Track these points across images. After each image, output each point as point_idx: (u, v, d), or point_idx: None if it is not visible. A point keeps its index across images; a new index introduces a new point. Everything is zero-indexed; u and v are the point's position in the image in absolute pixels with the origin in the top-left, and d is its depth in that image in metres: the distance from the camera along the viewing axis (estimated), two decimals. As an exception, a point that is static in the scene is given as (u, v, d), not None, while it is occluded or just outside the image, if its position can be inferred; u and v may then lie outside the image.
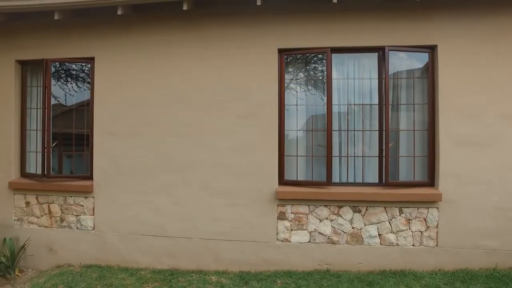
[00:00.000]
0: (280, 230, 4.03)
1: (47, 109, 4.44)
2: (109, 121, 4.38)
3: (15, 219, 4.65)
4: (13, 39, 4.64)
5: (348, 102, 4.23)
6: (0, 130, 4.63)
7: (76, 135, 4.65)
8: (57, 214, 4.53)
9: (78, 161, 4.83)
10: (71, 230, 4.50)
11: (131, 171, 4.32)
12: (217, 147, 4.13)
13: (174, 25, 4.25)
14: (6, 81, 4.63)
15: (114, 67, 4.38)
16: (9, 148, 4.62)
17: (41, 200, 4.57)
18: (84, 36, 4.47)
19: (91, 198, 4.43)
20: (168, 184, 4.23)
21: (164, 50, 4.27)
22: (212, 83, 4.16)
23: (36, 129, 4.72)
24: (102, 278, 4.04)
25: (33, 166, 4.73)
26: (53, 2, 4.05)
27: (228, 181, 4.11)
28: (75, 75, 4.86)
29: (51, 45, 4.53)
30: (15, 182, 4.58)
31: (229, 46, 4.14)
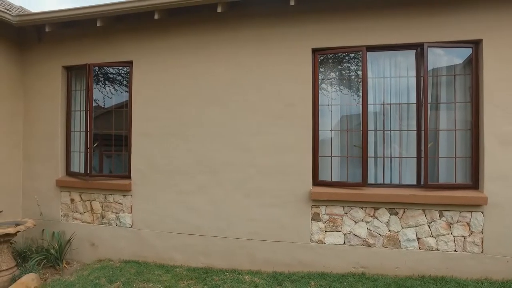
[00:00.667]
0: (314, 231, 3.99)
1: (89, 111, 4.68)
2: (146, 122, 4.54)
3: (62, 214, 4.94)
4: (60, 46, 4.94)
5: (384, 102, 4.11)
6: (49, 131, 4.94)
7: (115, 136, 4.87)
8: (98, 211, 4.76)
9: (117, 161, 5.05)
10: (111, 226, 4.71)
11: (167, 171, 4.45)
12: (250, 147, 4.16)
13: (208, 28, 4.33)
14: (54, 86, 4.94)
15: (150, 70, 4.53)
16: (56, 148, 4.92)
17: (84, 197, 4.82)
18: (123, 41, 4.66)
19: (129, 197, 4.61)
20: (203, 184, 4.32)
21: (199, 53, 4.36)
22: (246, 83, 4.20)
23: (79, 130, 4.99)
24: (140, 273, 4.19)
25: (77, 165, 5.01)
26: (96, 10, 4.28)
27: (262, 182, 4.12)
28: (114, 78, 5.09)
29: (93, 50, 4.77)
30: (61, 180, 4.87)
31: (262, 47, 4.15)
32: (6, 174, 4.91)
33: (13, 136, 5.01)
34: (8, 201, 4.93)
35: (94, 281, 4.01)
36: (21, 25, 4.61)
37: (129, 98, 4.69)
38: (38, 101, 5.05)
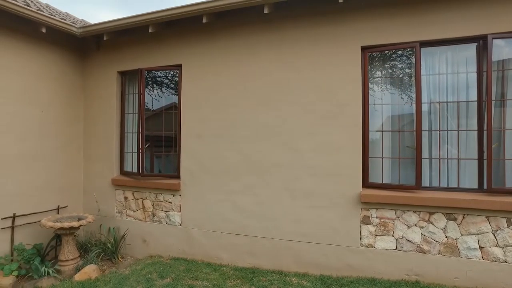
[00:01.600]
0: (363, 234, 3.85)
1: (142, 113, 4.92)
2: (195, 123, 4.67)
3: (116, 211, 5.25)
4: (115, 53, 5.26)
5: (440, 100, 3.86)
6: (106, 133, 5.28)
7: (165, 137, 5.07)
8: (149, 209, 4.99)
9: (166, 161, 5.26)
10: (161, 224, 4.90)
11: (216, 172, 4.54)
12: (299, 148, 4.12)
13: (255, 30, 4.36)
14: (110, 90, 5.27)
15: (199, 72, 4.66)
16: (111, 149, 5.25)
17: (137, 195, 5.08)
18: (172, 45, 4.85)
19: (179, 196, 4.77)
20: (250, 185, 4.35)
21: (246, 54, 4.40)
22: (294, 84, 4.16)
23: (132, 132, 5.26)
24: (189, 271, 4.32)
25: (130, 165, 5.29)
26: (148, 17, 4.49)
27: (310, 183, 4.06)
28: (164, 82, 5.30)
29: (145, 55, 5.02)
30: (116, 179, 5.17)
31: (310, 47, 4.10)
32: (70, 173, 5.33)
33: (76, 138, 5.42)
34: (71, 198, 5.35)
35: (146, 275, 4.20)
36: (83, 35, 4.98)
37: (178, 101, 4.86)
38: (96, 105, 5.41)
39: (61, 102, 5.17)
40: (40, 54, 4.86)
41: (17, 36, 4.56)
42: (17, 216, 4.56)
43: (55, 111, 5.09)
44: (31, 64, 4.75)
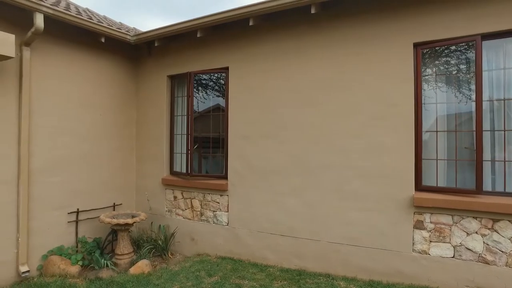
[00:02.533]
0: (416, 240, 3.66)
1: (190, 115, 5.10)
2: (242, 125, 4.74)
3: (166, 210, 5.48)
4: (165, 58, 5.51)
5: (505, 97, 3.56)
6: (156, 135, 5.54)
7: (212, 138, 5.21)
8: (197, 209, 5.15)
9: (213, 162, 5.40)
10: (209, 223, 5.04)
11: (263, 172, 4.58)
12: (347, 149, 4.03)
13: (301, 31, 4.33)
14: (160, 93, 5.53)
15: (246, 74, 4.73)
16: (162, 150, 5.49)
17: (185, 195, 5.26)
18: (219, 48, 4.97)
19: (226, 196, 4.87)
20: (297, 186, 4.33)
21: (292, 56, 4.39)
22: (341, 84, 4.08)
23: (180, 133, 5.47)
24: (235, 270, 4.38)
25: (179, 166, 5.50)
26: (196, 22, 4.66)
27: (359, 185, 3.95)
28: (211, 84, 5.45)
29: (193, 59, 5.19)
30: (166, 179, 5.40)
31: (357, 46, 3.99)
32: (124, 173, 5.67)
33: (129, 140, 5.76)
34: (125, 196, 5.68)
35: (195, 273, 4.33)
36: (137, 42, 5.28)
37: (225, 102, 4.97)
38: (148, 108, 5.70)
39: (116, 106, 5.52)
40: (98, 62, 5.23)
41: (80, 47, 4.95)
42: (80, 211, 4.95)
43: (111, 115, 5.44)
44: (91, 72, 5.13)
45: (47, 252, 4.55)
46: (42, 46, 4.44)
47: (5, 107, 4.16)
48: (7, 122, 4.17)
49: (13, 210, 4.22)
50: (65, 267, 4.38)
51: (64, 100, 4.77)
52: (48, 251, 4.56)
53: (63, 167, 4.77)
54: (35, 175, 4.43)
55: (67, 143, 4.80)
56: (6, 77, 4.15)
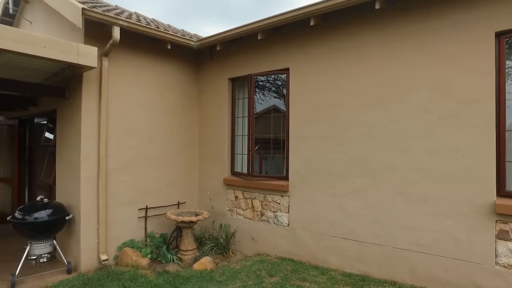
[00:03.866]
0: (500, 252, 3.31)
1: (251, 117, 5.19)
2: (303, 126, 4.71)
3: (227, 209, 5.64)
4: (226, 61, 5.69)
5: None
6: (218, 136, 5.74)
7: (271, 139, 5.25)
8: (258, 209, 5.22)
9: (273, 163, 5.43)
10: (269, 224, 5.07)
11: (324, 174, 4.50)
12: (413, 150, 3.79)
13: (363, 28, 4.19)
14: (221, 96, 5.71)
15: (306, 75, 4.69)
16: (223, 150, 5.67)
17: (246, 195, 5.37)
18: (279, 50, 4.99)
19: (287, 197, 4.87)
20: (358, 188, 4.19)
21: (354, 54, 4.27)
22: (405, 81, 3.86)
23: (241, 134, 5.59)
24: (296, 271, 4.36)
25: (239, 166, 5.63)
26: (257, 25, 4.74)
27: (428, 188, 3.70)
28: (266, 85, 5.49)
29: (253, 61, 5.29)
30: (227, 179, 5.56)
31: (424, 40, 3.74)
32: (188, 173, 5.96)
33: (192, 141, 6.04)
34: (189, 195, 5.97)
35: (256, 272, 4.39)
36: (199, 47, 5.53)
37: (286, 103, 4.98)
38: (210, 110, 5.93)
39: (180, 109, 5.83)
40: (164, 68, 5.57)
41: (148, 54, 5.32)
42: (148, 208, 5.30)
43: (176, 117, 5.75)
44: (158, 77, 5.48)
45: (121, 244, 4.95)
46: (117, 56, 4.85)
47: (90, 113, 4.62)
48: (91, 126, 4.63)
49: (94, 204, 4.67)
50: (136, 258, 4.72)
51: (134, 104, 5.15)
52: (122, 243, 4.96)
53: (133, 166, 5.15)
54: (111, 174, 4.85)
55: (136, 145, 5.18)
56: (90, 85, 4.61)
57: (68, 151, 4.92)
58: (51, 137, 6.09)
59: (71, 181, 4.81)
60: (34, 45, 3.64)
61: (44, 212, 4.45)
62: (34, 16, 6.50)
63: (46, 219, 4.40)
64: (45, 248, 4.54)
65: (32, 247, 4.47)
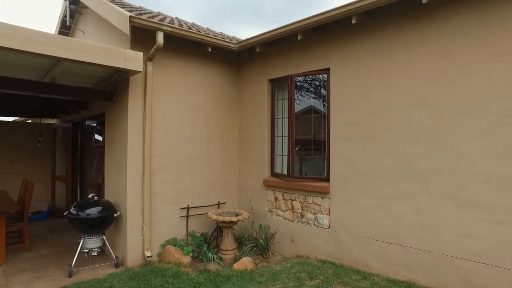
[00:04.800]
0: None
1: (291, 118, 5.16)
2: (345, 126, 4.60)
3: (267, 210, 5.64)
4: (265, 63, 5.70)
5: None
6: (259, 137, 5.77)
7: (311, 140, 5.18)
8: (298, 210, 5.17)
9: (313, 164, 5.36)
10: (309, 226, 5.01)
11: (367, 176, 4.37)
12: (466, 152, 3.56)
13: (408, 24, 4.00)
14: (261, 97, 5.74)
15: (347, 74, 4.58)
16: (263, 151, 5.69)
17: (286, 196, 5.34)
18: (319, 49, 4.92)
19: (327, 199, 4.79)
20: (406, 191, 4.01)
21: (398, 51, 4.09)
22: (457, 79, 3.63)
23: (281, 135, 5.58)
24: (337, 275, 4.26)
25: (279, 167, 5.61)
26: (297, 26, 4.71)
27: (483, 192, 3.44)
28: (304, 85, 5.40)
29: (293, 62, 5.25)
30: (267, 180, 5.57)
31: (479, 35, 3.48)
32: (227, 173, 6.05)
33: (232, 142, 6.12)
34: (228, 195, 6.05)
35: (296, 274, 4.35)
36: (239, 49, 5.60)
37: (327, 104, 4.89)
38: (249, 112, 5.98)
39: (220, 110, 5.93)
40: (204, 70, 5.69)
41: (189, 58, 5.46)
42: (190, 208, 5.45)
43: (216, 118, 5.86)
44: (198, 80, 5.61)
45: (164, 242, 5.13)
46: (160, 60, 5.04)
47: (136, 115, 4.85)
48: (136, 127, 4.85)
49: (139, 203, 4.89)
50: (178, 256, 4.86)
51: (176, 106, 5.32)
52: (165, 241, 5.14)
53: (176, 167, 5.32)
54: (155, 174, 5.04)
55: (178, 145, 5.35)
56: (135, 89, 4.84)
57: (116, 152, 5.19)
58: (100, 138, 6.46)
59: (119, 180, 5.07)
60: (88, 52, 3.89)
61: (95, 209, 4.72)
62: (87, 26, 6.96)
63: (96, 215, 4.67)
64: (96, 242, 4.83)
65: (85, 241, 4.77)
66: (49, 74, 4.73)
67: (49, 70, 4.56)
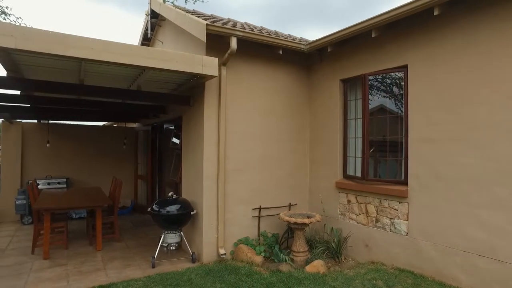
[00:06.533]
0: None
1: (366, 118, 4.96)
2: (426, 127, 4.28)
3: (339, 213, 5.49)
4: (337, 63, 5.57)
5: None
6: (330, 138, 5.66)
7: (386, 141, 4.91)
8: (372, 214, 4.94)
9: (389, 166, 5.08)
10: (385, 231, 4.75)
11: (452, 180, 4.00)
12: None
13: (500, 10, 3.56)
14: (332, 98, 5.62)
15: (428, 70, 4.25)
16: (335, 153, 5.56)
17: (360, 199, 5.14)
18: (395, 46, 4.65)
19: (406, 203, 4.49)
20: (501, 198, 3.57)
21: (489, 43, 3.67)
22: None
23: (354, 137, 5.39)
24: (417, 286, 3.98)
25: (352, 169, 5.42)
26: (370, 22, 4.51)
27: None
28: (376, 84, 5.13)
29: (366, 61, 5.05)
30: (340, 182, 5.42)
31: None
32: (298, 175, 6.03)
33: (302, 143, 6.09)
34: (299, 197, 6.03)
35: (371, 281, 4.16)
36: (309, 50, 5.56)
37: (404, 103, 4.60)
38: (320, 113, 5.89)
39: (290, 112, 5.94)
40: (274, 73, 5.75)
41: (259, 61, 5.57)
42: (261, 208, 5.55)
43: (286, 120, 5.88)
44: (268, 82, 5.69)
45: (237, 241, 5.29)
46: (232, 64, 5.22)
47: (211, 118, 5.10)
48: (212, 130, 5.10)
49: (214, 202, 5.12)
50: (251, 255, 4.97)
51: (247, 108, 5.46)
52: (238, 240, 5.30)
53: (248, 168, 5.46)
54: (228, 175, 5.23)
55: (250, 147, 5.48)
56: (210, 93, 5.08)
57: (192, 153, 5.51)
58: (177, 141, 6.92)
59: (195, 180, 5.37)
60: (169, 60, 4.20)
61: (174, 206, 5.06)
62: (165, 36, 7.52)
63: (175, 213, 5.00)
64: (175, 238, 5.17)
65: (165, 236, 5.14)
66: (135, 82, 5.21)
67: (135, 79, 5.02)
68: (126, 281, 4.34)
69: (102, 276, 4.54)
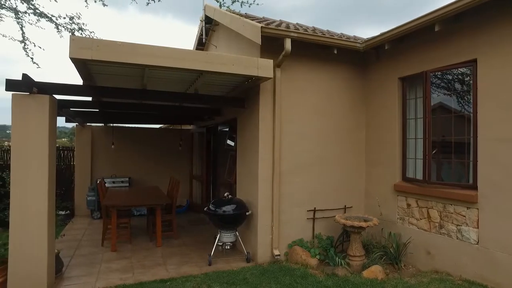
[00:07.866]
0: None
1: (428, 118, 4.68)
2: (503, 125, 3.90)
3: (398, 217, 5.24)
4: (394, 60, 5.33)
5: None
6: (388, 139, 5.43)
7: (451, 142, 4.59)
8: (435, 220, 4.64)
9: (453, 169, 4.74)
10: (450, 239, 4.44)
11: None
12: None
13: None
14: (390, 97, 5.38)
15: (504, 62, 3.88)
16: (393, 155, 5.31)
17: (421, 204, 4.86)
18: (462, 39, 4.33)
19: (475, 209, 4.15)
20: None
21: None
22: None
23: (414, 137, 5.11)
24: (490, 299, 3.66)
25: (412, 172, 5.14)
26: (434, 16, 4.25)
27: None
28: (436, 82, 4.79)
29: (428, 57, 4.75)
30: (399, 185, 5.17)
31: None
32: (353, 177, 5.86)
33: (358, 144, 5.91)
34: (355, 199, 5.86)
35: (436, 291, 3.91)
36: (365, 49, 5.39)
37: (473, 101, 4.26)
38: (377, 113, 5.67)
39: (345, 112, 5.80)
40: (328, 72, 5.66)
41: (313, 61, 5.52)
42: (316, 210, 5.48)
43: (341, 120, 5.76)
44: (323, 82, 5.62)
45: (291, 242, 5.28)
46: (286, 66, 5.22)
47: (266, 119, 5.16)
48: (266, 131, 5.16)
49: (269, 203, 5.16)
50: (305, 258, 4.93)
51: (302, 109, 5.43)
52: (292, 241, 5.29)
53: (303, 169, 5.42)
54: (283, 176, 5.24)
55: (305, 148, 5.44)
56: (265, 95, 5.15)
57: (247, 154, 5.61)
58: (231, 142, 7.09)
59: (250, 181, 5.46)
60: (226, 64, 4.33)
61: (230, 206, 5.19)
62: (218, 40, 7.77)
63: (231, 213, 5.13)
64: (230, 237, 5.30)
65: (221, 235, 5.29)
66: (193, 86, 5.44)
67: (193, 82, 5.23)
68: (185, 276, 4.54)
69: (163, 270, 4.80)
